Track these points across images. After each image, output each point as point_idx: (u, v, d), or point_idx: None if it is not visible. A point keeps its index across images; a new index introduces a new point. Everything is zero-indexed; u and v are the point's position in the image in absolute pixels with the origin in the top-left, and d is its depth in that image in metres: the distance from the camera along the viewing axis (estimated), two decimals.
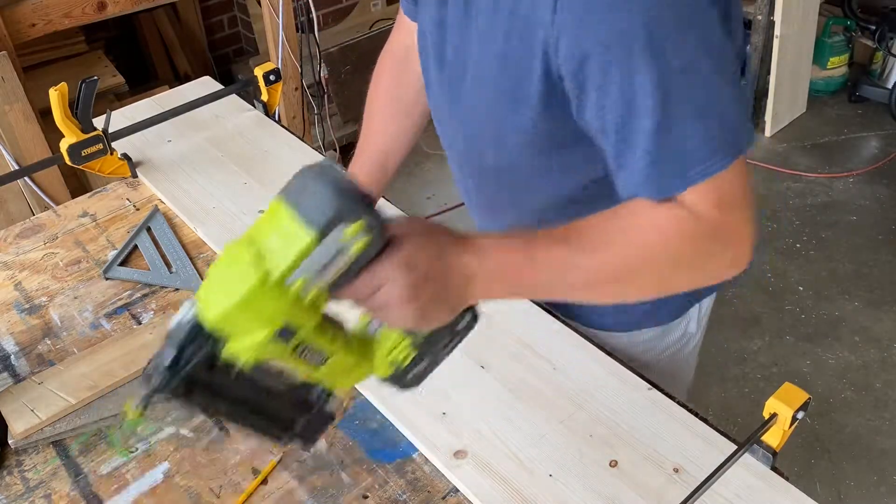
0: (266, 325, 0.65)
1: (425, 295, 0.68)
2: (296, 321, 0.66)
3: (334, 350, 0.71)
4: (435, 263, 0.69)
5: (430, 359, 0.79)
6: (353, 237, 0.63)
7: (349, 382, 0.77)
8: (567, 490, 0.88)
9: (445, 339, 0.78)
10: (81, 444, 1.00)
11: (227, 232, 1.31)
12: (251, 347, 0.66)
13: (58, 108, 1.30)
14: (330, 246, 0.63)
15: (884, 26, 3.30)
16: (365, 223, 0.63)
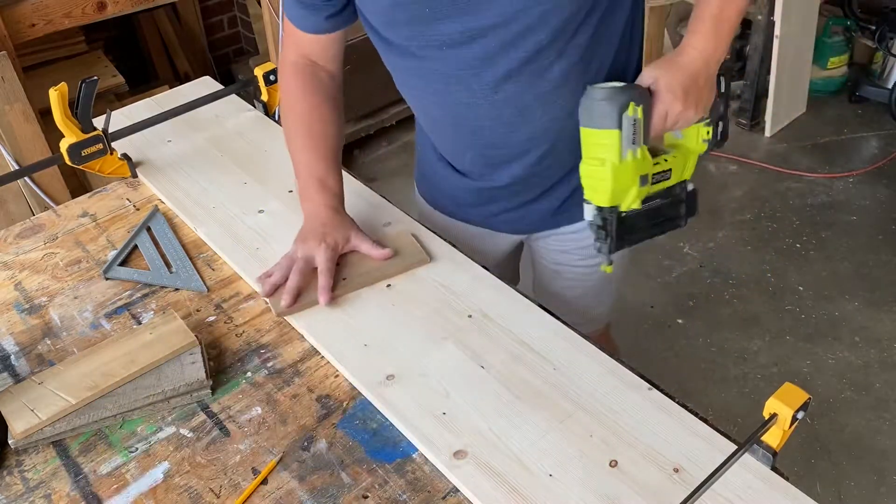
0: (631, 184, 1.07)
1: (692, 98, 1.05)
2: (642, 171, 1.07)
3: (671, 164, 1.12)
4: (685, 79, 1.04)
5: (722, 120, 1.15)
6: (634, 112, 1.02)
7: (689, 171, 1.16)
8: (567, 490, 0.88)
9: (720, 104, 1.13)
10: (81, 444, 1.00)
11: (228, 232, 1.31)
12: (633, 198, 1.08)
13: (58, 108, 1.30)
14: (627, 127, 1.02)
15: (884, 26, 3.30)
16: (633, 102, 1.01)
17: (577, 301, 1.45)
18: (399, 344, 1.08)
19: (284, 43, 1.29)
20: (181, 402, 1.03)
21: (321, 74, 1.27)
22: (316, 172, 1.23)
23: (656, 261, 2.71)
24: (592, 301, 1.47)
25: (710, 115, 1.12)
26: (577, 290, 1.44)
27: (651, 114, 1.04)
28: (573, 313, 1.45)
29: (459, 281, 1.18)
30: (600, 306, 1.50)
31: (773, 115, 3.25)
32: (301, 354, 1.10)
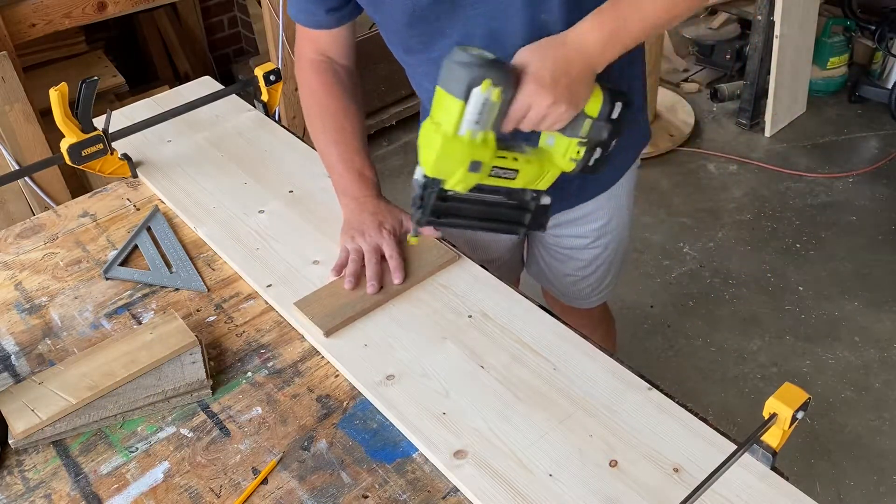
0: (459, 165, 0.96)
1: (561, 91, 0.92)
2: (477, 157, 0.96)
3: (519, 166, 1.01)
4: (557, 65, 0.92)
5: (601, 147, 1.02)
6: (488, 91, 0.90)
7: (546, 183, 1.06)
8: (567, 490, 0.88)
9: (605, 129, 1.00)
10: (81, 444, 1.00)
11: (228, 232, 1.31)
12: (458, 181, 0.98)
13: (58, 108, 1.30)
14: (475, 103, 0.91)
15: (884, 26, 3.30)
16: (491, 80, 0.89)
17: (584, 281, 1.48)
18: (399, 344, 1.08)
19: (299, 40, 1.29)
20: (181, 401, 1.03)
21: (339, 70, 1.28)
22: (354, 165, 1.24)
23: (656, 261, 2.71)
24: (597, 280, 1.48)
25: (589, 136, 1.00)
26: (584, 270, 1.46)
27: (513, 100, 0.93)
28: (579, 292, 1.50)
29: (459, 281, 1.18)
30: (600, 284, 1.51)
31: (773, 115, 3.25)
32: (301, 354, 1.10)
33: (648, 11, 0.95)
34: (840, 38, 3.46)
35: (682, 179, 3.10)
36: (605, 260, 1.44)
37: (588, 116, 1.00)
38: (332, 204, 1.35)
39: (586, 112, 0.99)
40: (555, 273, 1.49)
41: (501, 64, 0.92)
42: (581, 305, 1.53)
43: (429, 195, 1.01)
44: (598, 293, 1.52)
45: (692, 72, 3.74)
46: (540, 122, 0.96)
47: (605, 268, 1.46)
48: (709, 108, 3.51)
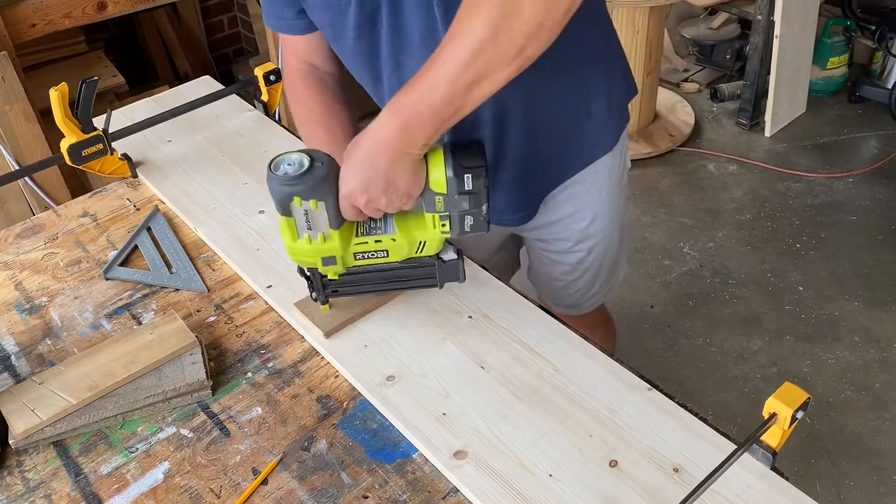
0: (313, 262, 1.01)
1: (375, 186, 0.93)
2: (326, 254, 1.00)
3: (385, 246, 1.02)
4: (358, 165, 0.92)
5: (471, 215, 0.99)
6: (301, 205, 0.94)
7: (434, 248, 1.04)
8: (567, 490, 0.89)
9: (462, 201, 0.98)
10: (81, 444, 1.00)
11: (228, 232, 1.31)
12: (324, 271, 1.03)
13: (58, 108, 1.30)
14: (299, 216, 0.96)
15: (884, 26, 3.30)
16: (300, 196, 0.93)
17: (571, 287, 1.46)
18: (399, 344, 1.08)
19: (283, 52, 1.30)
20: (181, 402, 1.03)
21: (325, 77, 1.27)
22: None
23: (656, 261, 2.71)
24: (586, 286, 1.47)
25: (447, 209, 0.98)
26: (570, 275, 1.44)
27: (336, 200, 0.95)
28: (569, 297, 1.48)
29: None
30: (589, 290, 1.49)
31: (773, 115, 3.25)
32: (301, 355, 1.10)
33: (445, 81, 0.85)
34: (840, 38, 3.46)
35: (682, 179, 3.10)
36: (592, 264, 1.41)
37: (437, 193, 0.97)
38: None
39: (433, 189, 0.96)
40: (543, 278, 1.48)
41: (313, 172, 0.92)
42: (572, 312, 1.51)
43: (314, 279, 1.06)
44: (588, 300, 1.49)
45: (692, 72, 3.74)
46: (378, 213, 0.97)
47: (592, 272, 1.43)
48: (709, 108, 3.51)
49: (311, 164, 0.93)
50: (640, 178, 3.11)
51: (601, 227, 1.36)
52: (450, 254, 1.07)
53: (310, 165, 0.93)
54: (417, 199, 0.98)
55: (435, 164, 0.95)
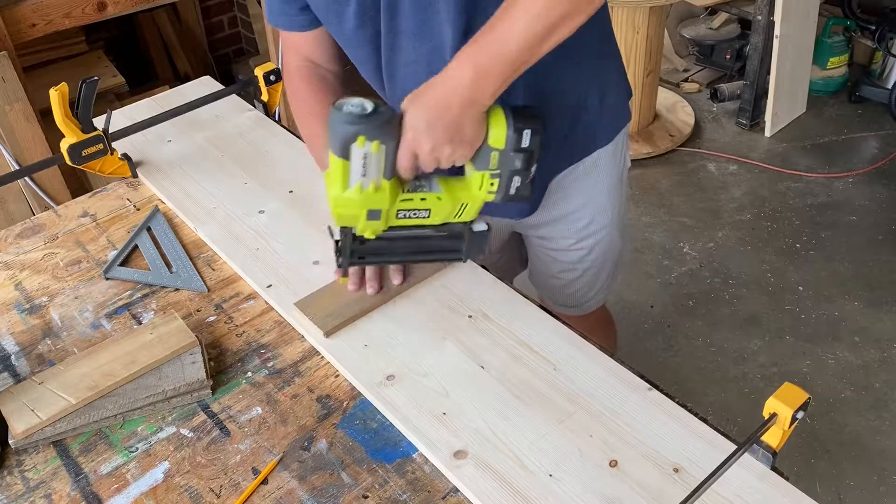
0: (357, 215, 0.99)
1: (442, 134, 0.93)
2: (373, 206, 0.98)
3: (430, 205, 1.02)
4: (430, 110, 0.92)
5: (520, 176, 1.00)
6: (365, 146, 0.91)
7: (471, 214, 1.05)
8: (567, 490, 0.89)
9: (517, 159, 0.98)
10: (81, 444, 1.00)
11: (228, 232, 1.31)
12: (363, 229, 1.02)
13: (58, 108, 1.30)
14: (357, 159, 0.93)
15: (884, 26, 3.30)
16: (365, 135, 0.90)
17: (572, 286, 1.46)
18: (399, 344, 1.08)
19: (284, 49, 1.30)
20: (181, 401, 1.03)
21: (326, 75, 1.27)
22: None
23: (656, 261, 2.71)
24: (587, 285, 1.47)
25: (500, 167, 0.99)
26: (571, 273, 1.44)
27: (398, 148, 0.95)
28: (569, 297, 1.48)
29: (459, 281, 1.18)
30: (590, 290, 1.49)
31: (773, 115, 3.25)
32: (301, 354, 1.10)
33: (519, 32, 0.90)
34: (840, 38, 3.46)
35: (682, 179, 3.10)
36: (593, 263, 1.41)
37: (494, 149, 0.97)
38: None
39: (491, 145, 0.97)
40: (544, 276, 1.48)
41: (378, 115, 0.92)
42: (573, 313, 1.51)
43: (344, 241, 1.04)
44: (589, 299, 1.49)
45: (692, 72, 3.74)
46: (434, 164, 0.96)
47: (593, 271, 1.43)
48: (709, 108, 3.51)
49: (376, 107, 0.92)
50: (640, 178, 3.11)
51: (602, 225, 1.36)
52: (480, 224, 1.08)
53: (374, 108, 0.92)
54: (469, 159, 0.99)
55: (496, 119, 0.96)
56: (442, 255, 1.11)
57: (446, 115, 0.92)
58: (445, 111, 0.92)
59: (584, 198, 1.32)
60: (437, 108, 0.93)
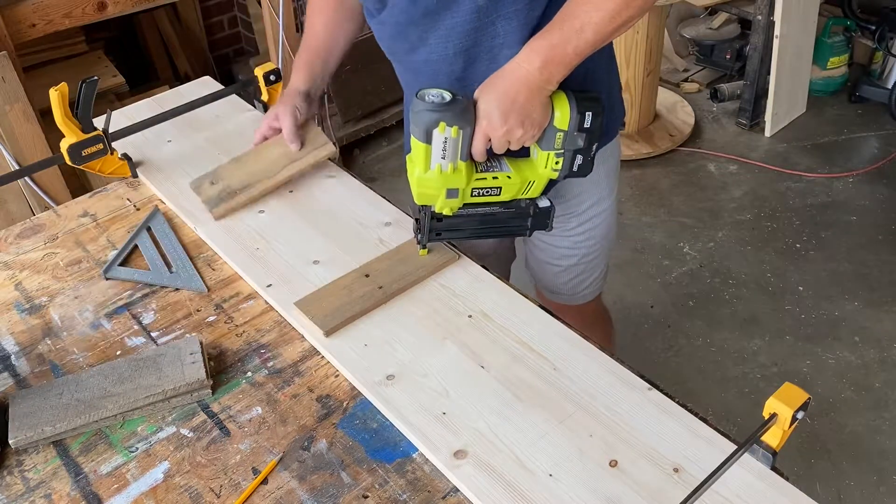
0: (437, 194, 1.10)
1: (514, 118, 1.04)
2: (452, 185, 1.09)
3: (501, 183, 1.12)
4: (501, 97, 1.03)
5: (581, 154, 1.11)
6: (446, 131, 1.02)
7: (536, 190, 1.16)
8: (567, 490, 0.89)
9: (580, 139, 1.09)
10: (81, 444, 1.00)
11: (228, 232, 1.31)
12: (442, 206, 1.12)
13: (58, 108, 1.30)
14: (437, 144, 1.04)
15: (884, 26, 3.30)
16: (446, 122, 1.02)
17: (568, 273, 1.49)
18: (399, 344, 1.08)
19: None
20: (181, 401, 1.03)
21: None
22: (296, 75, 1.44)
23: (656, 261, 2.71)
24: (583, 273, 1.50)
25: (564, 147, 1.09)
26: (566, 260, 1.47)
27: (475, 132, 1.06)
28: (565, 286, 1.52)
29: (459, 281, 1.18)
30: (586, 279, 1.53)
31: (773, 115, 3.25)
32: (301, 354, 1.10)
33: (588, 27, 1.01)
34: (840, 38, 3.46)
35: (682, 179, 3.10)
36: (588, 251, 1.45)
37: (559, 130, 1.08)
38: (333, 204, 1.36)
39: (557, 126, 1.08)
40: (539, 264, 1.51)
41: (456, 103, 1.03)
42: (569, 301, 1.55)
43: (424, 218, 1.15)
44: (584, 289, 1.53)
45: (692, 72, 3.74)
46: (505, 146, 1.07)
47: (588, 260, 1.47)
48: (709, 108, 3.52)
49: (454, 96, 1.04)
50: (640, 178, 3.11)
51: (601, 211, 1.40)
52: (544, 201, 1.18)
53: (452, 97, 1.03)
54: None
55: (560, 103, 1.07)
56: (510, 230, 1.21)
57: (516, 101, 1.03)
58: (515, 98, 1.03)
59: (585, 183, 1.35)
60: (507, 96, 1.03)
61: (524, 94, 1.03)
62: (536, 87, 1.04)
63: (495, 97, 1.04)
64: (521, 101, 1.03)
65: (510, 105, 1.03)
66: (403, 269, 1.18)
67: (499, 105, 1.04)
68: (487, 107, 1.04)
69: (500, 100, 1.04)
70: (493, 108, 1.04)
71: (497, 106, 1.04)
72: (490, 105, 1.04)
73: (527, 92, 1.03)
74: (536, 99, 1.04)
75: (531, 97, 1.04)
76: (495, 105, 1.04)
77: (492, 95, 1.05)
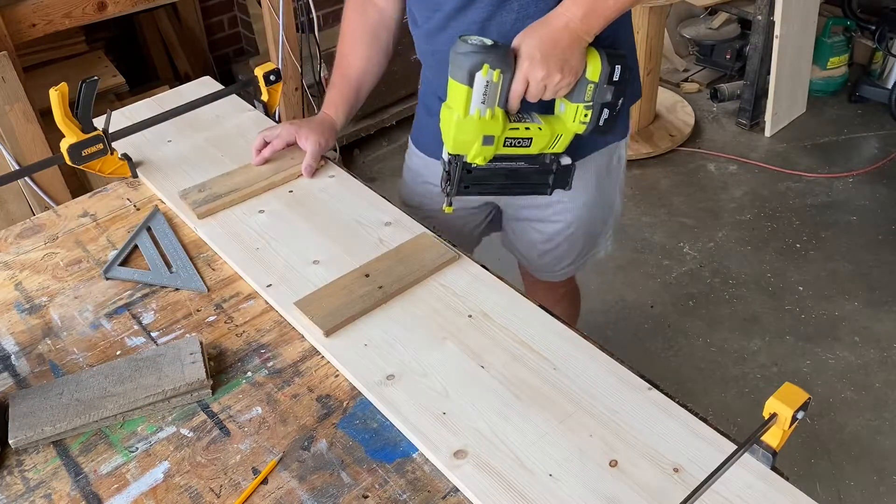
0: (474, 140, 1.12)
1: (553, 63, 1.07)
2: (489, 131, 1.12)
3: (532, 134, 1.16)
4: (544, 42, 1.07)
5: (608, 108, 1.15)
6: (489, 74, 1.06)
7: (562, 146, 1.20)
8: (567, 490, 0.89)
9: (608, 92, 1.13)
10: (81, 444, 1.00)
11: (228, 232, 1.31)
12: (476, 154, 1.14)
13: (58, 108, 1.30)
14: (478, 86, 1.07)
15: (884, 26, 3.30)
16: (489, 64, 1.05)
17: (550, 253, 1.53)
18: (399, 344, 1.08)
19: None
20: (181, 401, 1.03)
21: (370, 11, 1.41)
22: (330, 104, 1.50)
23: (656, 261, 2.71)
24: (558, 254, 1.54)
25: (593, 99, 1.13)
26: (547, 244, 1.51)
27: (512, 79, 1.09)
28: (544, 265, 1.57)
29: (459, 281, 1.18)
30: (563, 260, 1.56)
31: (773, 115, 3.25)
32: (301, 354, 1.10)
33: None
34: (840, 38, 3.46)
35: (682, 179, 3.10)
36: (569, 236, 1.49)
37: (590, 82, 1.12)
38: (333, 204, 1.35)
39: (588, 78, 1.12)
40: (521, 242, 1.56)
41: (498, 48, 1.07)
42: (546, 278, 1.61)
43: (454, 170, 1.17)
44: (563, 268, 1.57)
45: (692, 72, 3.74)
46: (541, 93, 1.10)
47: (568, 243, 1.51)
48: (709, 108, 3.52)
49: (495, 41, 1.07)
50: (640, 178, 3.11)
51: (581, 202, 1.43)
52: (566, 158, 1.23)
53: (494, 42, 1.07)
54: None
55: (592, 56, 1.12)
56: (532, 187, 1.25)
57: (558, 46, 1.08)
58: (557, 43, 1.08)
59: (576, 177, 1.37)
60: (550, 41, 1.07)
61: (566, 40, 1.08)
62: (577, 35, 1.08)
63: (538, 41, 1.08)
64: (562, 46, 1.07)
65: (552, 49, 1.07)
66: (403, 269, 1.18)
67: (541, 48, 1.07)
68: (530, 49, 1.07)
69: (543, 43, 1.07)
70: (535, 51, 1.07)
71: (539, 48, 1.07)
72: (532, 48, 1.07)
73: (568, 38, 1.08)
74: (576, 46, 1.09)
75: (572, 44, 1.08)
76: (538, 48, 1.07)
77: (534, 40, 1.08)
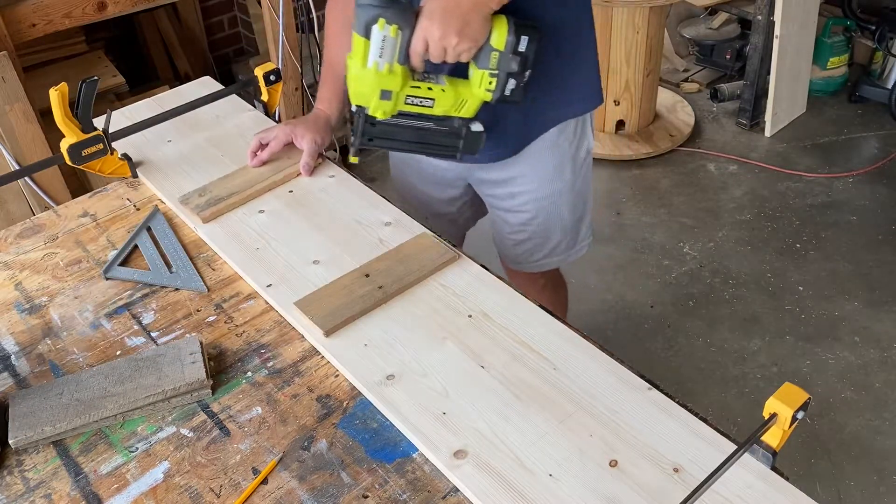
0: (372, 93, 1.13)
1: (452, 25, 1.07)
2: (386, 86, 1.13)
3: (435, 95, 1.17)
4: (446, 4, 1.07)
5: (515, 78, 1.15)
6: (385, 28, 1.07)
7: (469, 111, 1.20)
8: (567, 490, 0.89)
9: (514, 62, 1.13)
10: (81, 444, 1.00)
11: (228, 232, 1.31)
12: (375, 108, 1.15)
13: (58, 108, 1.30)
14: (376, 40, 1.08)
15: (884, 26, 3.30)
16: (386, 18, 1.06)
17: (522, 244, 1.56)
18: (399, 344, 1.08)
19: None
20: (181, 401, 1.03)
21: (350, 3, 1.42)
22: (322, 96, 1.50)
23: (656, 261, 2.71)
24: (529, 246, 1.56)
25: (499, 67, 1.13)
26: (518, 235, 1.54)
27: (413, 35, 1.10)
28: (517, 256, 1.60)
29: (459, 281, 1.18)
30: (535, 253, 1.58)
31: (773, 115, 3.25)
32: (301, 354, 1.10)
33: None
34: (840, 38, 3.46)
35: (682, 179, 3.10)
36: (538, 228, 1.51)
37: (494, 49, 1.13)
38: (332, 204, 1.35)
39: (492, 45, 1.12)
40: (496, 231, 1.60)
41: (398, 4, 1.08)
42: (518, 269, 1.63)
43: (358, 121, 1.19)
44: (538, 260, 1.59)
45: (692, 72, 3.74)
46: (442, 54, 1.11)
47: (539, 237, 1.53)
48: (709, 108, 3.51)
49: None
50: (640, 178, 3.11)
51: (547, 194, 1.45)
52: (477, 125, 1.22)
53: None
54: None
55: (499, 23, 1.12)
56: (441, 149, 1.25)
57: (458, 9, 1.08)
58: (458, 6, 1.08)
59: (530, 165, 1.42)
60: (453, 2, 1.08)
61: (468, 3, 1.08)
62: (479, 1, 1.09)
63: (441, 2, 1.08)
64: (463, 8, 1.08)
65: (453, 10, 1.07)
66: (403, 269, 1.18)
67: (441, 8, 1.08)
68: (430, 8, 1.08)
69: (444, 6, 1.08)
70: (435, 11, 1.08)
71: (440, 8, 1.08)
72: (433, 8, 1.08)
73: (469, 3, 1.08)
74: (478, 12, 1.09)
75: (473, 8, 1.08)
76: (438, 8, 1.08)
77: (438, 1, 1.09)
